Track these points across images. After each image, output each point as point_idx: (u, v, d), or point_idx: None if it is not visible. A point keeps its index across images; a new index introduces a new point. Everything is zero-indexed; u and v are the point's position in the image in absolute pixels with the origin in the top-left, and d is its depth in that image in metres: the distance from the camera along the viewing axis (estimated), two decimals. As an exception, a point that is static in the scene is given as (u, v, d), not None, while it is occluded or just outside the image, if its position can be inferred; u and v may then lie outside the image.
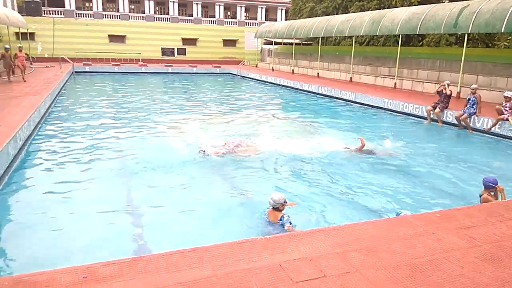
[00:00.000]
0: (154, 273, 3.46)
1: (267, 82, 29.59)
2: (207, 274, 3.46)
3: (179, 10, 44.77)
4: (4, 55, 19.67)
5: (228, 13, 49.02)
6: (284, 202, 5.54)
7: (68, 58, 31.89)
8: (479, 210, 5.16)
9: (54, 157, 9.28)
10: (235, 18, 47.99)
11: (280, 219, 5.44)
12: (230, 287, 3.28)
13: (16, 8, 37.74)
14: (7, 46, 20.30)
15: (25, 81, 19.87)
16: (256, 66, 40.92)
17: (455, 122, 13.54)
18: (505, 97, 11.92)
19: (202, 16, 45.97)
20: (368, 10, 26.55)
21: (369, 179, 8.17)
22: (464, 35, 17.83)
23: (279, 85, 27.64)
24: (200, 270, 3.52)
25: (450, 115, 13.97)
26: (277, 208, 5.52)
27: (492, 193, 6.30)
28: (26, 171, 8.25)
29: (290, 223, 5.38)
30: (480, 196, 6.42)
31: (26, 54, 22.96)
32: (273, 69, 36.75)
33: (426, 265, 3.73)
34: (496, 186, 6.22)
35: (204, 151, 9.32)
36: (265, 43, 45.39)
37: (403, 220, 4.83)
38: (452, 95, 14.34)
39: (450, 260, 3.83)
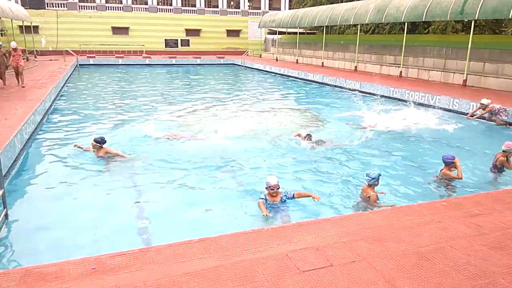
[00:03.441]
0: (161, 264, 3.49)
1: (271, 72, 29.45)
2: (214, 264, 3.49)
3: (182, 0, 44.47)
4: None
5: (232, 3, 48.57)
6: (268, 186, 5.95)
7: (72, 51, 31.89)
8: (486, 198, 5.14)
9: (59, 149, 9.32)
10: (238, 8, 47.55)
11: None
12: (237, 277, 3.30)
13: (19, 1, 37.72)
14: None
15: (23, 86, 15.60)
16: (260, 56, 40.68)
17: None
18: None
19: (205, 7, 45.62)
20: (373, -2, 26.21)
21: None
22: (471, 22, 17.58)
23: (283, 75, 27.48)
24: (207, 260, 3.55)
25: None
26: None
27: (452, 168, 7.04)
28: (32, 164, 8.30)
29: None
30: (440, 171, 7.22)
31: (22, 52, 16.88)
32: (277, 59, 36.53)
33: (432, 253, 3.73)
34: (454, 161, 6.98)
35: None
36: (269, 33, 45.07)
37: (409, 209, 4.83)
38: (465, 85, 13.99)
39: (457, 248, 3.83)
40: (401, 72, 22.21)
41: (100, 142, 8.51)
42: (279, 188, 5.95)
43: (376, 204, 6.05)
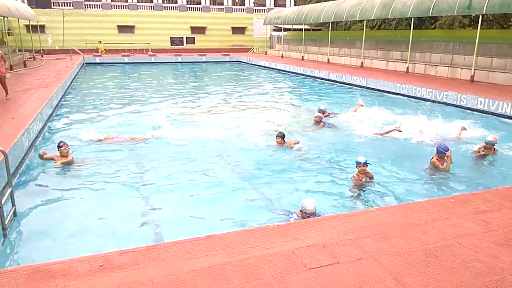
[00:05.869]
0: (168, 261, 3.50)
1: (277, 69, 29.35)
2: (221, 261, 3.49)
3: (187, -2, 44.50)
4: None
5: (236, 0, 48.47)
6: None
7: (78, 49, 32.03)
8: (495, 195, 5.09)
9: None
10: (244, 5, 47.40)
11: None
12: (243, 274, 3.30)
13: (25, 0, 37.93)
14: None
15: (7, 98, 12.55)
16: (266, 53, 40.59)
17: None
18: None
19: (210, 4, 45.54)
20: (378, -7, 26.01)
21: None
22: (478, 17, 17.39)
23: (289, 72, 27.39)
24: (214, 257, 3.56)
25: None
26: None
27: (443, 158, 7.25)
28: (40, 163, 8.35)
29: None
30: (431, 159, 7.43)
31: (1, 58, 12.67)
32: (282, 56, 36.42)
33: (440, 250, 3.70)
34: (446, 153, 7.16)
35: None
36: (274, 30, 44.91)
37: (417, 206, 4.79)
38: (472, 80, 13.86)
39: (465, 245, 3.80)
40: (407, 68, 22.03)
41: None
42: (315, 215, 5.04)
43: (363, 182, 6.74)
